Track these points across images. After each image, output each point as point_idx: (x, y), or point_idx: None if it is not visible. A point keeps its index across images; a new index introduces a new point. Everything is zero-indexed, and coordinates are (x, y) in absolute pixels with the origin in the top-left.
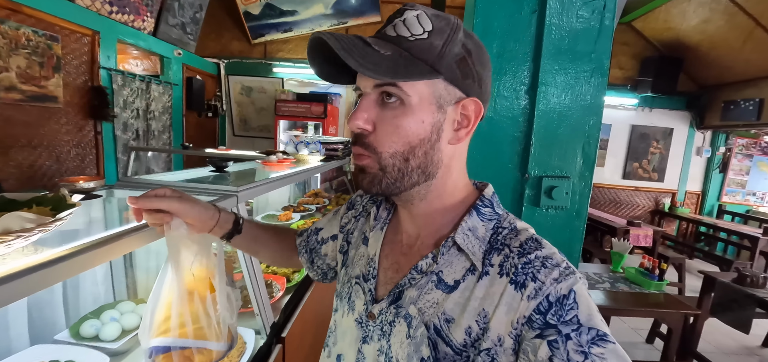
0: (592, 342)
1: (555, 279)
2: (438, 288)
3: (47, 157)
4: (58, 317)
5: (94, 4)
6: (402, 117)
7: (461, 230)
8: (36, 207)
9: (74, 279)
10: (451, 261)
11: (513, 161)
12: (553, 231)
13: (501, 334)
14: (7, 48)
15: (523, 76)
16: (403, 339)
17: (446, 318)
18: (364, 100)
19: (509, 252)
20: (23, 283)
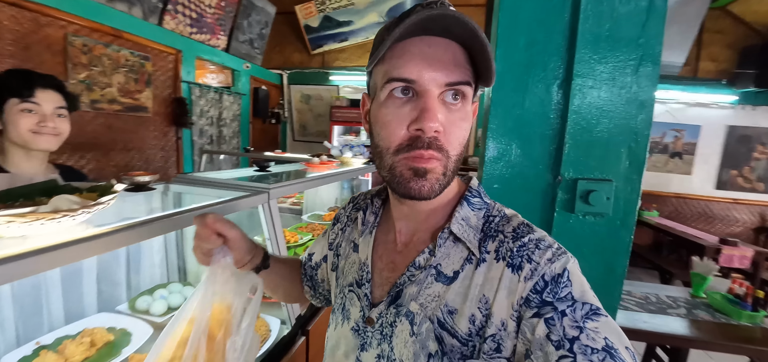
0: (586, 316)
1: (549, 260)
2: (438, 281)
3: (139, 158)
4: (121, 292)
5: (178, 27)
6: (466, 118)
7: (455, 220)
8: (86, 193)
9: (136, 261)
10: (448, 253)
11: (543, 162)
12: (591, 242)
13: (504, 319)
14: (111, 67)
15: (555, 68)
16: (406, 338)
17: (449, 310)
18: (432, 99)
19: (504, 238)
20: (66, 254)
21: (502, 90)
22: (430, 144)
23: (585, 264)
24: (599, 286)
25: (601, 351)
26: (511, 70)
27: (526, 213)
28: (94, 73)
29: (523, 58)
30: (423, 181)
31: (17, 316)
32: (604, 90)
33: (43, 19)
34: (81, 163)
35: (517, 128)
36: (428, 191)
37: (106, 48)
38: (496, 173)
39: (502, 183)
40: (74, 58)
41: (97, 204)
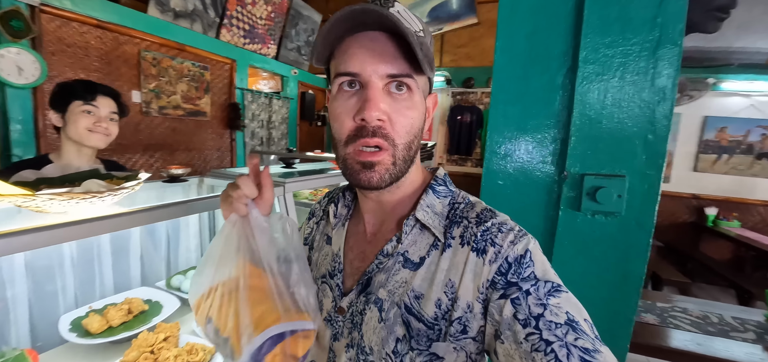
0: (548, 293)
1: (511, 242)
2: (405, 268)
3: (198, 158)
4: (161, 270)
5: (233, 39)
6: (413, 108)
7: (420, 207)
8: (115, 179)
9: (175, 244)
10: (415, 240)
11: (547, 156)
12: (601, 244)
13: (470, 301)
14: (176, 77)
15: (559, 56)
16: (375, 324)
17: (416, 295)
18: (374, 89)
19: (468, 223)
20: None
21: (504, 82)
22: (375, 132)
23: (594, 267)
24: (612, 293)
25: (564, 324)
26: (512, 62)
27: (530, 210)
28: (162, 82)
29: (524, 48)
30: (371, 172)
31: (77, 284)
32: (615, 77)
33: (122, 38)
34: (151, 162)
35: (519, 121)
36: (378, 181)
37: (171, 60)
38: (498, 168)
39: (505, 179)
40: (146, 70)
41: (121, 188)
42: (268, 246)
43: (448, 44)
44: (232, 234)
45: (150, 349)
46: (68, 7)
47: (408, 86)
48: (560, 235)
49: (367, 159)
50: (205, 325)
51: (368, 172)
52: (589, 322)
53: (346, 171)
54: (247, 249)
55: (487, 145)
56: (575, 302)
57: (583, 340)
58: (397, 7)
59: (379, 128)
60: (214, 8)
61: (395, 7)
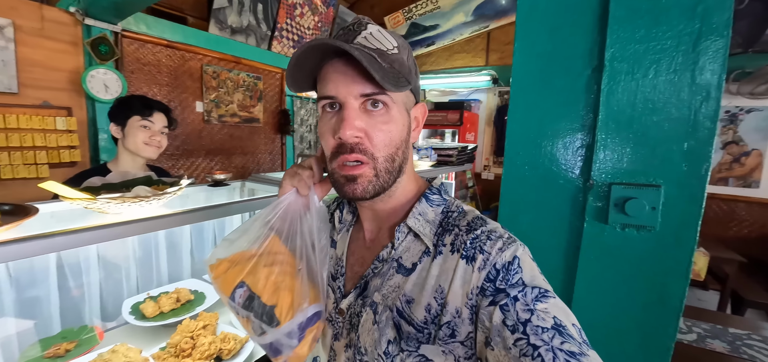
0: (535, 299)
1: (499, 249)
2: (398, 273)
3: (252, 161)
4: None
5: (283, 49)
6: (390, 122)
7: (412, 215)
8: (161, 185)
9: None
10: (408, 247)
11: (570, 163)
12: (632, 261)
13: (458, 306)
14: (232, 88)
15: (583, 54)
16: (369, 327)
17: (407, 300)
18: (350, 109)
19: (458, 231)
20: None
21: (523, 84)
22: (353, 149)
23: (625, 286)
24: (647, 316)
25: (550, 329)
26: (532, 62)
27: (552, 221)
28: (221, 93)
29: (545, 47)
30: (354, 184)
31: (139, 273)
32: (647, 76)
33: (187, 55)
34: (211, 165)
35: (540, 125)
36: (361, 192)
37: (229, 73)
38: (517, 175)
39: (525, 187)
40: (207, 83)
41: (164, 193)
42: (318, 228)
43: (494, 42)
44: (287, 209)
45: (190, 334)
46: (144, 31)
47: (383, 103)
48: (585, 249)
49: (349, 173)
50: (235, 289)
51: (352, 185)
52: (577, 327)
53: (334, 184)
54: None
55: (506, 152)
56: (563, 307)
57: (570, 344)
58: (369, 29)
59: (356, 144)
60: (266, 23)
61: (367, 30)
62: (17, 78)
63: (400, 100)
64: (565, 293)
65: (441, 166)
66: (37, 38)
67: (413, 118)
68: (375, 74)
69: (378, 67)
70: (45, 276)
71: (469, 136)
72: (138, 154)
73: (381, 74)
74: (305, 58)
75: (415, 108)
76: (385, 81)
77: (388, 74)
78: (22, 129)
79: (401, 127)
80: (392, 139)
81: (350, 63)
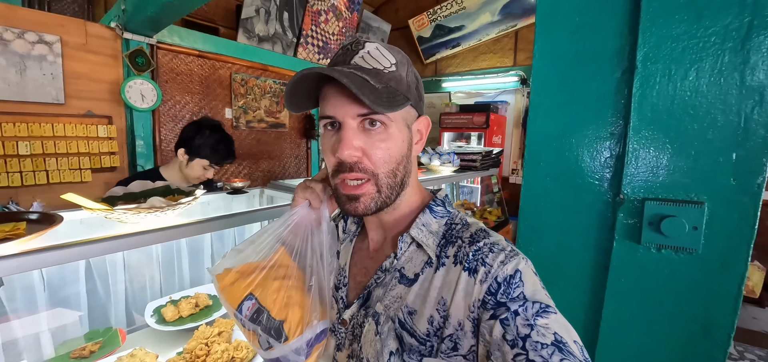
0: (536, 314)
1: (501, 262)
2: (401, 283)
3: (278, 165)
4: None
5: (309, 56)
6: (388, 140)
7: (415, 225)
8: (177, 195)
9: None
10: (411, 257)
11: (597, 175)
12: (670, 286)
13: (461, 319)
14: (260, 94)
15: (611, 55)
16: (372, 337)
17: (409, 311)
18: (347, 129)
19: (461, 243)
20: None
21: (544, 89)
22: (352, 167)
23: (661, 314)
24: (688, 349)
25: (550, 345)
26: (553, 65)
27: (577, 238)
28: (249, 100)
29: (568, 48)
30: (356, 203)
31: (162, 277)
32: (686, 78)
33: (217, 63)
34: (239, 169)
35: (564, 134)
36: (363, 210)
37: (256, 80)
38: (538, 187)
39: (546, 200)
40: (236, 90)
41: (178, 203)
42: (328, 243)
43: (522, 41)
44: (299, 223)
45: (205, 341)
46: (177, 42)
47: (381, 121)
48: (615, 271)
49: (350, 192)
50: (242, 301)
51: (353, 203)
52: (579, 344)
53: (337, 200)
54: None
55: (526, 161)
56: (564, 323)
57: (570, 361)
58: (367, 47)
59: (355, 163)
60: (291, 30)
61: (364, 49)
62: (64, 90)
63: (399, 116)
64: (591, 319)
65: (464, 171)
66: (81, 52)
67: (416, 132)
68: (365, 99)
69: (370, 89)
70: (75, 278)
71: (495, 139)
72: (187, 180)
73: (372, 97)
74: (300, 85)
75: (417, 121)
76: (376, 104)
77: (381, 95)
78: (68, 136)
79: (400, 143)
80: (392, 156)
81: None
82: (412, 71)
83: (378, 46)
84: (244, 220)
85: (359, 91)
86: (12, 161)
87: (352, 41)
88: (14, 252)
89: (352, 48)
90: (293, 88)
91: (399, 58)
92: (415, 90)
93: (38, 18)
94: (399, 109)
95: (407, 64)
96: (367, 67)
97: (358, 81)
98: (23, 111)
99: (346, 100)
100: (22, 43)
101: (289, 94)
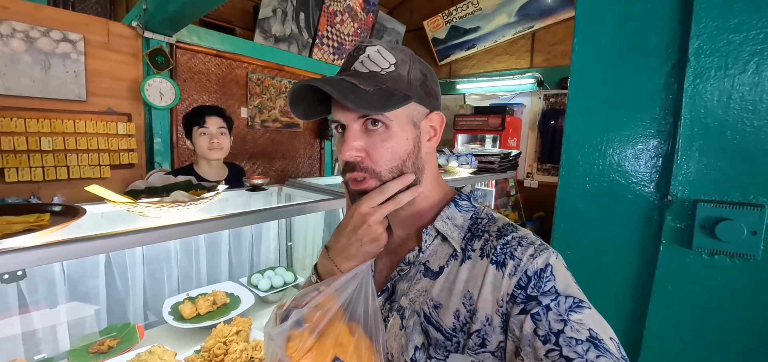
0: (570, 309)
1: (531, 256)
2: (426, 277)
3: (292, 165)
4: (245, 269)
5: (323, 56)
6: (390, 139)
7: (440, 218)
8: (199, 190)
9: (258, 244)
10: (435, 251)
11: (642, 175)
12: (723, 295)
13: (489, 314)
14: (275, 94)
15: (661, 48)
16: (396, 332)
17: (434, 305)
18: (349, 131)
19: (489, 237)
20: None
21: (584, 84)
22: (355, 167)
23: (714, 325)
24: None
25: (585, 341)
26: (595, 58)
27: (620, 242)
28: (264, 99)
29: (612, 40)
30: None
31: (179, 274)
32: (745, 72)
33: (234, 63)
34: (254, 168)
35: (606, 131)
36: None
37: (272, 80)
38: (576, 188)
39: (585, 201)
40: (252, 90)
41: (201, 198)
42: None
43: (539, 42)
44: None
45: (223, 340)
46: (196, 41)
47: (381, 121)
48: (661, 278)
49: (357, 187)
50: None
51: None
52: (615, 341)
53: (349, 196)
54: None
55: (563, 161)
56: (600, 319)
57: (606, 358)
58: (367, 51)
59: (358, 163)
60: (307, 30)
61: (364, 54)
62: (86, 87)
63: (402, 114)
64: (633, 329)
65: (482, 174)
66: (103, 51)
67: (429, 128)
68: (348, 103)
69: (355, 93)
70: (95, 272)
71: (511, 142)
72: (205, 157)
73: (357, 101)
74: (300, 98)
75: (428, 117)
76: (362, 106)
77: (371, 98)
78: (89, 133)
79: (404, 141)
80: (394, 153)
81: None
82: (418, 68)
83: (379, 48)
84: (266, 217)
85: (343, 98)
86: (35, 156)
87: (355, 47)
88: (37, 244)
89: (354, 54)
90: (292, 102)
91: (400, 57)
92: (419, 87)
93: (63, 17)
94: (395, 108)
95: (410, 61)
96: (363, 72)
97: (345, 87)
98: (46, 107)
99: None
100: (47, 41)
101: (293, 107)
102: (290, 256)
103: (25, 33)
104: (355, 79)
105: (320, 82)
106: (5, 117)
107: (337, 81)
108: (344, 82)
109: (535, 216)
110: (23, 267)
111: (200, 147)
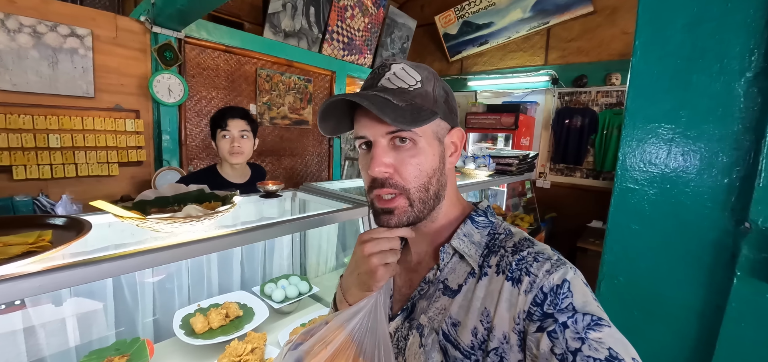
0: (588, 327)
1: (547, 271)
2: (445, 295)
3: (300, 163)
4: (257, 276)
5: (333, 52)
6: (419, 155)
7: (457, 236)
8: (213, 201)
9: (271, 253)
10: (454, 269)
11: (714, 198)
12: None
13: (505, 331)
14: (284, 91)
15: (741, 55)
16: (416, 350)
17: (453, 322)
18: (377, 148)
19: (504, 253)
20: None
21: (646, 92)
22: (384, 183)
23: None
24: None
25: (604, 361)
26: (659, 64)
27: (683, 272)
28: (273, 96)
29: (680, 44)
30: (390, 216)
31: (191, 285)
32: None
33: (243, 59)
34: (263, 165)
35: (670, 144)
36: (396, 223)
37: (281, 76)
38: (632, 208)
39: (642, 224)
40: (260, 86)
41: (216, 212)
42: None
43: (554, 39)
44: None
45: (238, 358)
46: (205, 37)
47: (410, 138)
48: (733, 314)
49: (384, 205)
50: None
51: (387, 216)
52: (637, 361)
53: (373, 214)
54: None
55: (617, 176)
56: (620, 338)
57: None
58: (393, 69)
59: (387, 179)
60: (317, 25)
61: (390, 71)
62: (94, 83)
63: (429, 131)
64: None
65: (499, 176)
66: (111, 46)
67: (450, 144)
68: (386, 118)
69: (392, 108)
70: (102, 284)
71: (523, 142)
72: (228, 161)
73: (393, 116)
74: (330, 113)
75: (450, 133)
76: (398, 121)
77: (405, 113)
78: (97, 130)
79: (431, 157)
80: (422, 170)
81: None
82: (441, 85)
83: (404, 66)
84: (283, 231)
85: (380, 112)
86: (43, 154)
87: (380, 65)
88: (38, 270)
89: (379, 72)
90: (323, 116)
91: (424, 74)
92: (443, 103)
93: (70, 11)
94: (425, 123)
95: (433, 79)
96: (393, 88)
97: (380, 101)
98: (54, 104)
99: (374, 120)
100: (55, 36)
101: (322, 122)
102: (304, 263)
103: (33, 28)
104: (387, 95)
105: (356, 96)
106: (13, 113)
107: (372, 96)
108: (378, 97)
109: (546, 218)
110: (22, 298)
111: (222, 150)
